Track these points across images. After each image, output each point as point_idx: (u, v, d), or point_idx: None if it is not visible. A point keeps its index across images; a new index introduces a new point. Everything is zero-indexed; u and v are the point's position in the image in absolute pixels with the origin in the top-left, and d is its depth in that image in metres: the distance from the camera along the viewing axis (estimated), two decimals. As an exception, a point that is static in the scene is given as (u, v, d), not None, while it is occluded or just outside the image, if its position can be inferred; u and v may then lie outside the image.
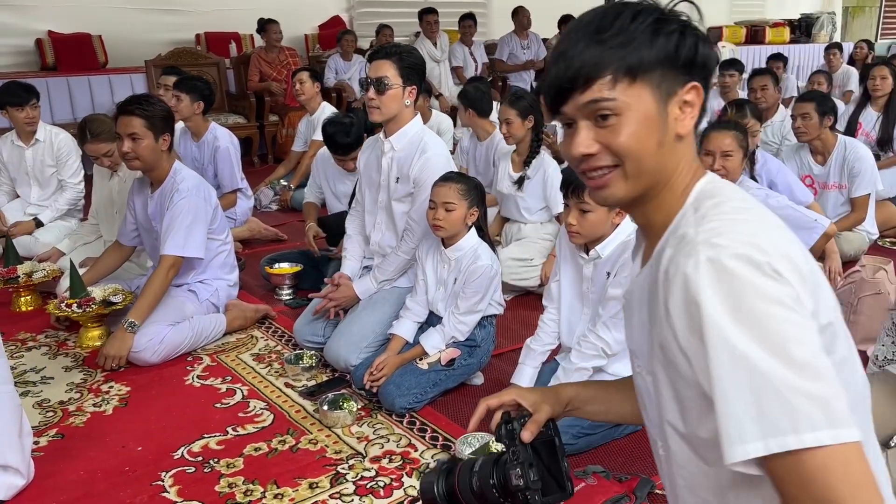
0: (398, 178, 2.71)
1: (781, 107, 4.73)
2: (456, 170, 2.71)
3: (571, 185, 2.10)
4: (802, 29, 11.31)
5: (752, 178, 3.37)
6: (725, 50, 9.24)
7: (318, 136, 4.96)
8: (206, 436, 2.32)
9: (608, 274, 2.15)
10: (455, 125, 5.60)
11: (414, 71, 2.61)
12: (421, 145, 2.66)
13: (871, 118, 4.95)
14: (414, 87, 2.62)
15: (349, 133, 3.52)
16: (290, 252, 3.79)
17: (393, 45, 2.69)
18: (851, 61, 7.56)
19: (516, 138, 3.55)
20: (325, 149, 3.77)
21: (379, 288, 2.82)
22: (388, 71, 2.56)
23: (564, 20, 8.09)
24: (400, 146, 2.69)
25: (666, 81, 0.97)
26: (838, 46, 7.60)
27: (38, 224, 4.09)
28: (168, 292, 2.97)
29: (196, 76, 4.63)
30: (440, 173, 2.56)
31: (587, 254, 2.20)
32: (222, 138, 4.18)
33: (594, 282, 2.20)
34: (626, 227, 2.16)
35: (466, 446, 2.14)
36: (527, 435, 1.16)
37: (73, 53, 6.45)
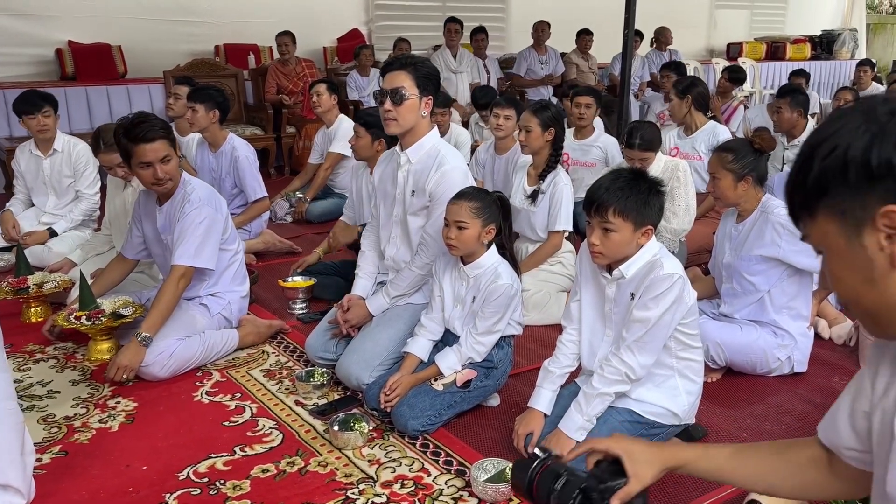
0: (414, 192, 2.64)
1: (811, 123, 4.61)
2: (473, 184, 2.65)
3: (595, 203, 2.01)
4: (823, 45, 11.18)
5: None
6: (746, 66, 9.15)
7: (335, 149, 4.96)
8: (212, 455, 2.25)
9: (632, 295, 2.06)
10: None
11: (429, 81, 2.55)
12: (438, 158, 2.60)
13: None
14: (430, 97, 2.57)
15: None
16: (323, 263, 3.74)
17: (407, 56, 2.64)
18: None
19: (532, 148, 3.47)
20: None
21: (392, 304, 2.74)
22: (405, 81, 2.51)
23: (582, 34, 8.05)
24: (416, 158, 2.62)
25: None
26: (870, 63, 7.45)
27: (52, 234, 4.07)
28: (179, 305, 2.91)
29: (209, 85, 4.59)
30: (457, 187, 2.49)
31: (610, 273, 2.11)
32: (240, 148, 4.15)
33: (617, 303, 2.11)
34: (651, 247, 2.07)
35: (482, 472, 2.06)
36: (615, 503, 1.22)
37: (93, 63, 6.47)
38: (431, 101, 2.58)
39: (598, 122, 4.80)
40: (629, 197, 1.98)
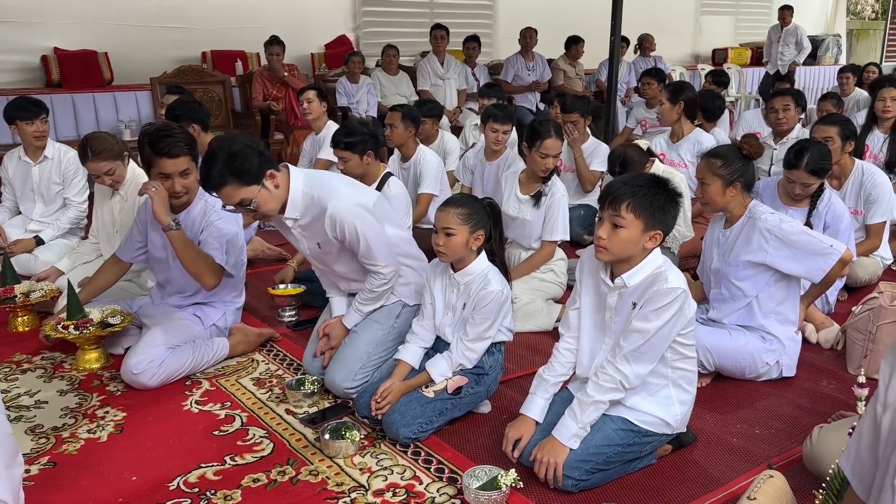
0: (319, 244, 2.60)
1: (798, 125, 4.64)
2: (383, 203, 2.71)
3: (610, 196, 2.01)
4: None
5: (810, 217, 3.26)
6: (731, 71, 9.24)
7: (324, 156, 4.94)
8: (203, 465, 2.23)
9: (634, 304, 2.05)
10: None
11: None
12: (314, 202, 2.50)
13: (878, 140, 4.85)
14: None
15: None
16: (312, 270, 3.71)
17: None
18: (859, 84, 7.47)
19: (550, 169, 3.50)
20: None
21: (366, 316, 2.75)
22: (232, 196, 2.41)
23: (570, 42, 8.09)
24: (298, 214, 2.54)
25: None
26: (852, 69, 7.50)
27: (39, 242, 4.03)
28: (171, 314, 2.92)
29: (182, 100, 4.33)
30: (351, 218, 2.47)
31: (612, 281, 2.11)
32: None
33: (618, 311, 2.10)
34: (656, 259, 2.06)
35: (474, 479, 2.06)
36: None
37: (79, 70, 6.43)
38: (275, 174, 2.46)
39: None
40: (645, 196, 1.99)
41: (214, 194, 2.43)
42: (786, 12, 9.28)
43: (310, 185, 2.52)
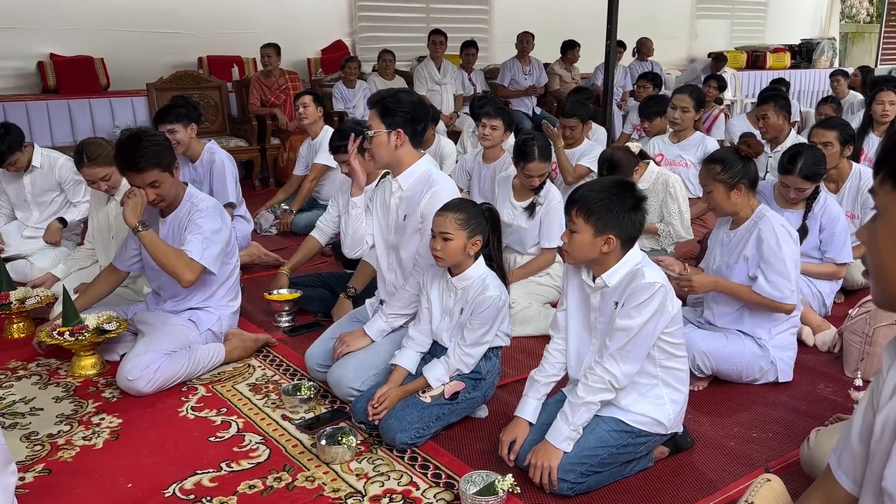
0: (406, 216, 2.64)
1: (793, 132, 4.63)
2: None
3: (567, 202, 2.07)
4: (803, 54, 11.34)
5: (805, 220, 3.26)
6: (727, 75, 9.24)
7: (320, 160, 4.95)
8: (198, 472, 2.22)
9: (616, 304, 2.06)
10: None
11: (395, 114, 2.54)
12: (429, 181, 2.61)
13: (873, 143, 4.85)
14: (399, 129, 2.55)
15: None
16: (308, 275, 3.76)
17: (375, 93, 2.65)
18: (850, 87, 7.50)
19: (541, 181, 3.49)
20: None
21: (389, 324, 2.71)
22: (372, 120, 2.55)
23: (566, 46, 8.10)
24: (407, 185, 2.64)
25: None
26: (843, 73, 7.53)
27: (63, 222, 4.06)
28: (166, 320, 2.90)
29: (176, 102, 4.28)
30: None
31: (593, 282, 2.12)
32: (218, 152, 4.11)
33: (602, 312, 2.12)
34: (634, 257, 2.07)
35: (470, 485, 2.05)
36: None
37: (75, 76, 6.42)
38: (403, 133, 2.55)
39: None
40: (595, 202, 2.01)
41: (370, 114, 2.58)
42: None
43: (431, 170, 2.68)
